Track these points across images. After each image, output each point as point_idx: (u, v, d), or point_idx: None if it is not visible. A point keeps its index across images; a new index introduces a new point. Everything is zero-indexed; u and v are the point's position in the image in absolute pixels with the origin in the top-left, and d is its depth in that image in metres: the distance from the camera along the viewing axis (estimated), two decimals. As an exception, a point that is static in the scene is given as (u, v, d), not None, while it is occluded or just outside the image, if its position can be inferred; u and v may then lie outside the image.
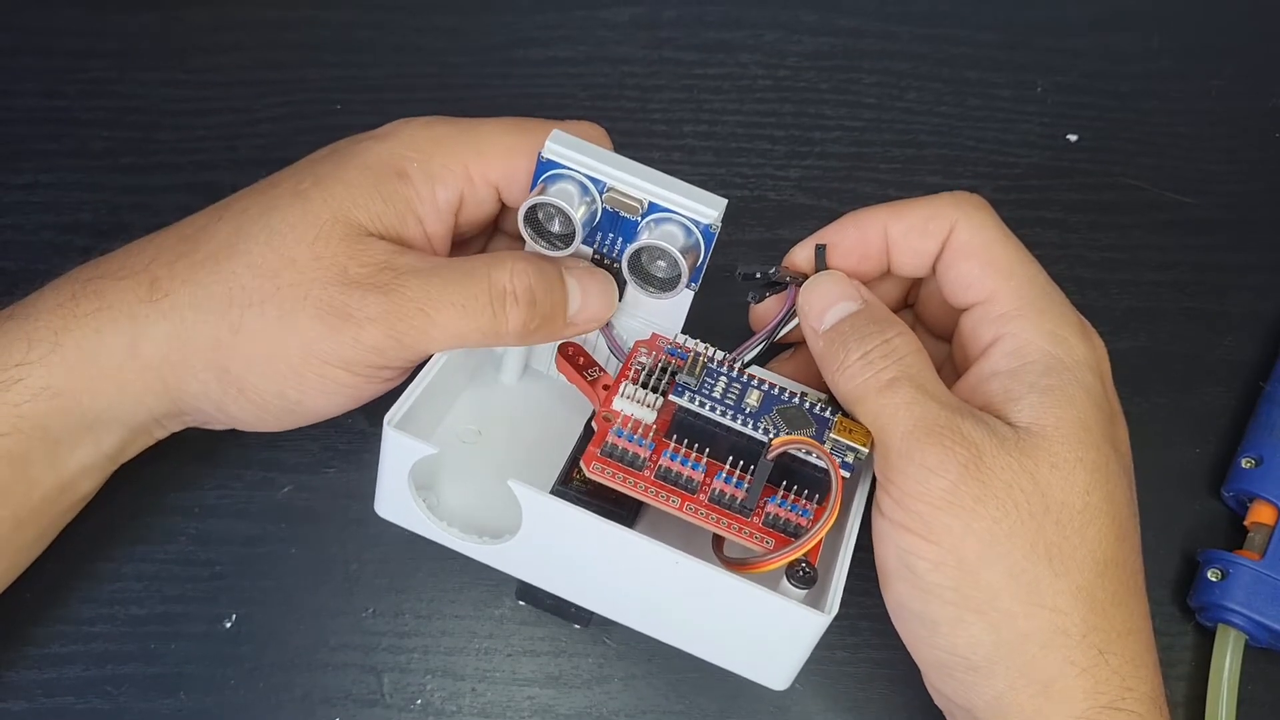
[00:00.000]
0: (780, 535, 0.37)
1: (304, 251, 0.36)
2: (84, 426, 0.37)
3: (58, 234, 0.48)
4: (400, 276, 0.36)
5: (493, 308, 0.37)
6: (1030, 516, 0.34)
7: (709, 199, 0.37)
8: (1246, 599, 0.41)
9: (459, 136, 0.39)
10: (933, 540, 0.34)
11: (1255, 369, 0.47)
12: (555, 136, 0.37)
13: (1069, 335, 0.36)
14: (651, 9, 0.53)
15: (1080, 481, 0.35)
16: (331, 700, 0.41)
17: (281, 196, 0.37)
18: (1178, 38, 0.53)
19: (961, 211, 0.38)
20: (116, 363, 0.36)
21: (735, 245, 0.49)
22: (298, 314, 0.36)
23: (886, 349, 0.36)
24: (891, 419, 0.35)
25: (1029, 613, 0.33)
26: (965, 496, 0.33)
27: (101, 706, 0.41)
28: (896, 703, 0.42)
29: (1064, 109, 0.52)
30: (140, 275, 0.37)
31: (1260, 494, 0.43)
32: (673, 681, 0.42)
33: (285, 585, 0.43)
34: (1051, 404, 0.35)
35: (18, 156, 0.50)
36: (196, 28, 0.52)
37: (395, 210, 0.38)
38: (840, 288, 0.38)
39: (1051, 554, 0.34)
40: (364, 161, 0.38)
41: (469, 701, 0.42)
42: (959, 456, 0.34)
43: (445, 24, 0.53)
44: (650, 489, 0.36)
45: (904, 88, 0.52)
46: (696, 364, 0.38)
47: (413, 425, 0.37)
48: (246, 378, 0.37)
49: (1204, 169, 0.51)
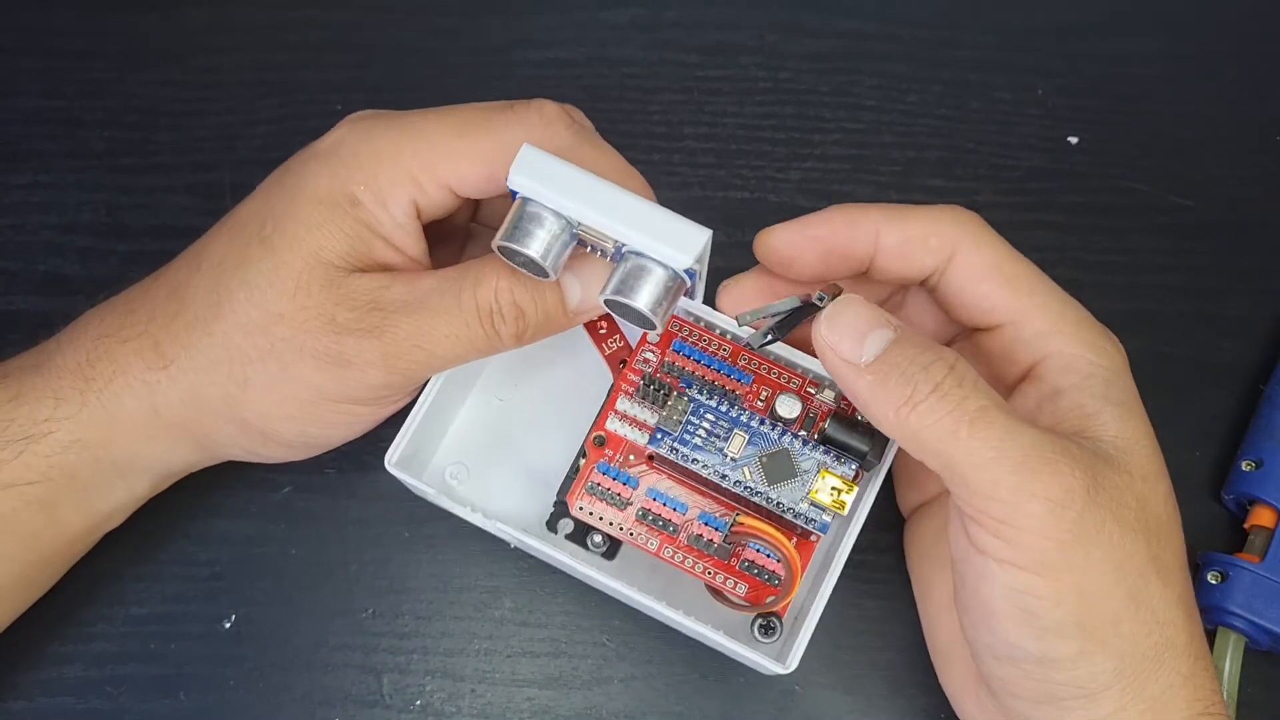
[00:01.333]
0: (755, 580, 0.38)
1: (288, 304, 0.36)
2: (115, 474, 0.38)
3: (57, 234, 0.48)
4: (389, 317, 0.36)
5: (484, 328, 0.37)
6: (1141, 533, 0.33)
7: (687, 235, 0.33)
8: (1246, 602, 0.41)
9: (401, 144, 0.37)
10: (1052, 577, 0.32)
11: (1255, 372, 0.47)
12: (521, 160, 0.34)
13: (1105, 344, 0.37)
14: (652, 10, 0.53)
15: (1164, 490, 0.35)
16: (331, 701, 0.41)
17: (250, 247, 0.37)
18: (1179, 40, 0.53)
19: (965, 230, 0.37)
20: (142, 422, 0.37)
21: (736, 247, 0.49)
22: (298, 365, 0.36)
23: (957, 377, 0.33)
24: (997, 453, 0.32)
25: (1147, 631, 0.33)
26: (1089, 525, 0.32)
27: (101, 707, 0.41)
28: (897, 704, 0.42)
29: (1064, 111, 0.52)
30: (143, 338, 0.37)
31: (1260, 497, 0.43)
32: (672, 683, 0.42)
33: (285, 586, 0.43)
34: (1127, 415, 0.35)
35: (17, 156, 0.50)
36: (196, 28, 0.52)
37: (359, 239, 0.36)
38: (870, 312, 0.34)
39: (1158, 566, 0.33)
40: (314, 195, 0.36)
41: (468, 703, 0.42)
42: (1081, 483, 0.32)
43: (445, 25, 0.53)
44: (631, 530, 0.38)
45: (904, 90, 0.52)
46: (680, 404, 0.37)
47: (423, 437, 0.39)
48: (266, 425, 0.38)
49: (1204, 172, 0.51)
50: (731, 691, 0.42)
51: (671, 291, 0.34)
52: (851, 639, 0.43)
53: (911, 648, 0.42)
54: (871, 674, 0.43)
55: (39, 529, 0.37)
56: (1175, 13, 0.54)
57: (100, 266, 0.48)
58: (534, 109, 0.38)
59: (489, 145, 0.37)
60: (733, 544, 0.38)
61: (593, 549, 0.40)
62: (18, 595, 0.38)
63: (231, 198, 0.49)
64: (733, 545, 0.38)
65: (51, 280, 0.47)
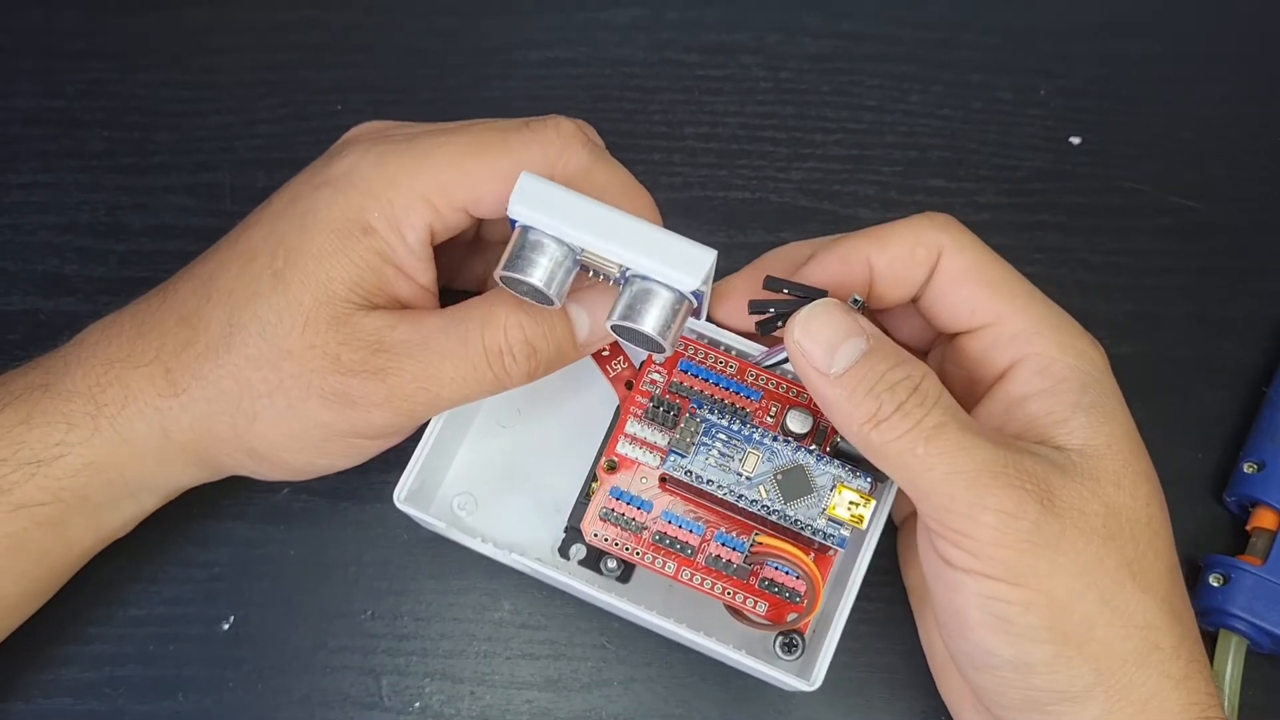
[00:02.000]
0: (775, 598, 0.38)
1: (296, 341, 0.36)
2: (126, 494, 0.38)
3: (57, 234, 0.48)
4: (395, 359, 0.36)
5: (493, 370, 0.36)
6: (1110, 539, 0.33)
7: (692, 257, 0.33)
8: (1248, 604, 0.41)
9: (415, 169, 0.36)
10: (1021, 584, 0.32)
11: (1258, 373, 0.47)
12: (520, 189, 0.33)
13: (1085, 347, 0.36)
14: (653, 10, 0.53)
15: (1142, 494, 0.35)
16: (330, 703, 0.41)
17: (262, 280, 0.36)
18: (1181, 41, 0.53)
19: (947, 235, 0.37)
20: (154, 445, 0.37)
21: (737, 248, 0.49)
22: (306, 403, 0.36)
23: (920, 395, 0.33)
24: (951, 468, 0.33)
25: (1126, 635, 0.33)
26: (1048, 534, 0.32)
27: (99, 708, 0.41)
28: (898, 706, 0.42)
29: (1067, 112, 0.51)
30: (155, 364, 0.37)
31: (1262, 499, 0.43)
32: (672, 685, 0.42)
33: (284, 587, 0.43)
34: (1100, 421, 0.35)
35: (17, 156, 0.50)
36: (196, 28, 0.52)
37: (371, 270, 0.36)
38: (846, 320, 0.34)
39: (1133, 571, 0.33)
40: (327, 224, 0.36)
41: (468, 704, 0.42)
42: (1034, 494, 0.33)
43: (445, 25, 0.52)
44: (648, 554, 0.38)
45: (906, 90, 0.52)
46: (692, 424, 0.37)
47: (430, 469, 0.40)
48: (274, 455, 0.38)
49: (1207, 173, 0.51)
50: (731, 695, 0.42)
51: (679, 314, 0.34)
52: (851, 642, 0.42)
53: (911, 651, 0.42)
54: (871, 677, 0.42)
55: (49, 546, 0.37)
56: (1177, 13, 0.54)
57: (99, 266, 0.48)
58: (550, 127, 0.37)
59: (505, 166, 0.36)
60: (752, 564, 0.38)
61: (607, 573, 0.40)
62: (25, 607, 0.38)
63: (232, 198, 0.49)
64: (752, 565, 0.38)
65: (50, 280, 0.47)
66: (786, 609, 0.38)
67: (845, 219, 0.49)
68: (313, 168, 0.39)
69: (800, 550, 0.37)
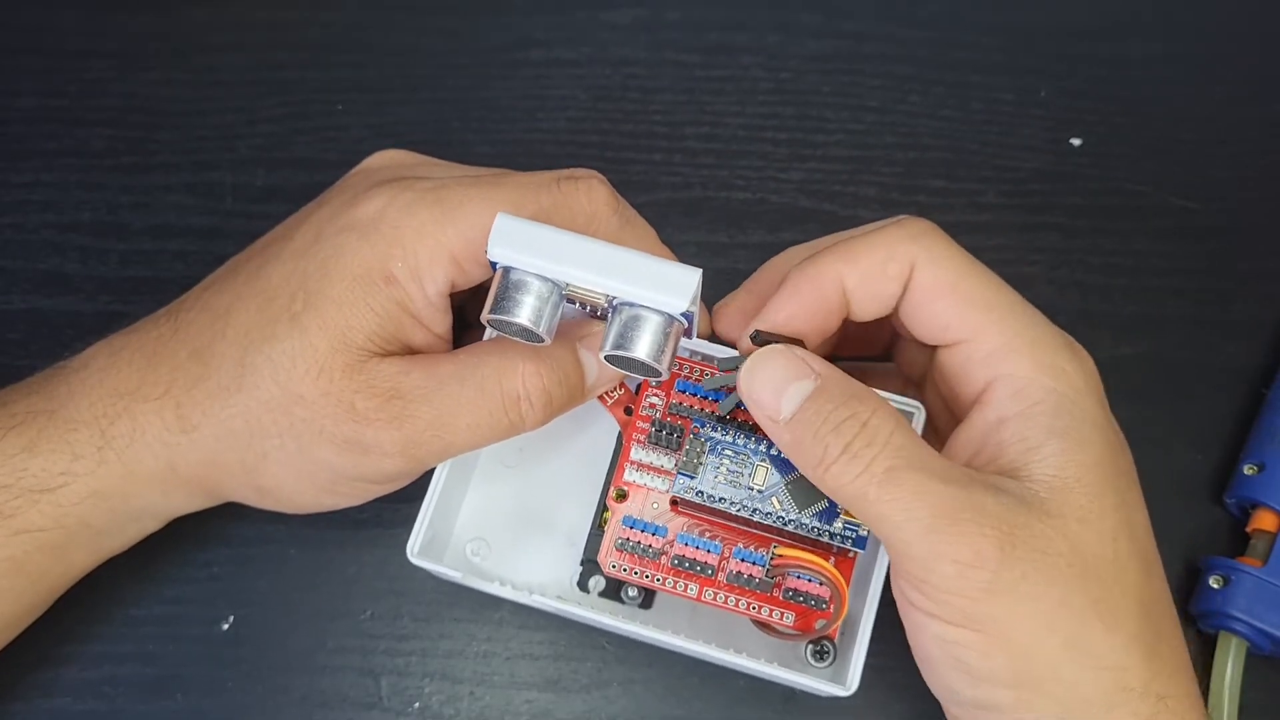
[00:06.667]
0: (801, 607, 0.38)
1: (310, 387, 0.35)
2: (129, 520, 0.38)
3: (58, 233, 0.48)
4: (410, 406, 0.36)
5: (509, 417, 0.36)
6: (1073, 579, 0.32)
7: (677, 279, 0.33)
8: (1248, 606, 0.41)
9: (443, 221, 0.36)
10: (980, 630, 0.32)
11: (1258, 375, 0.47)
12: (498, 230, 0.33)
13: (1064, 364, 0.35)
14: (653, 11, 0.53)
15: (1108, 529, 0.33)
16: (329, 703, 0.41)
17: (279, 324, 0.36)
18: (1182, 42, 0.53)
19: (920, 246, 0.36)
20: (160, 477, 0.37)
21: (737, 248, 0.49)
22: (316, 447, 0.36)
23: (868, 435, 0.32)
24: (905, 516, 0.32)
25: (1093, 678, 0.32)
26: (1007, 580, 0.31)
27: (98, 708, 0.41)
28: (897, 708, 0.42)
29: (1068, 113, 0.51)
30: (165, 399, 0.37)
31: (1262, 500, 0.43)
32: (672, 686, 0.42)
33: (283, 587, 0.43)
34: (1071, 450, 0.34)
35: (18, 156, 0.50)
36: (196, 28, 0.52)
37: (390, 319, 0.36)
38: (787, 365, 0.34)
39: (1100, 611, 0.32)
40: (350, 272, 0.35)
41: (467, 705, 0.42)
42: (993, 541, 0.32)
43: (446, 25, 0.52)
44: (669, 579, 0.38)
45: (907, 91, 0.52)
46: (698, 445, 0.37)
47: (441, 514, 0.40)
48: (280, 493, 0.38)
49: (1208, 175, 0.51)
50: (731, 695, 0.42)
51: (671, 337, 0.34)
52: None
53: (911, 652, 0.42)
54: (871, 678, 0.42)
55: (48, 568, 0.37)
56: (1178, 15, 0.54)
57: (100, 265, 0.48)
58: (583, 192, 0.37)
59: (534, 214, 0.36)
60: (774, 576, 0.37)
61: (628, 601, 0.40)
62: (21, 623, 0.39)
63: (232, 197, 0.49)
64: (774, 577, 0.38)
65: (51, 279, 0.47)
66: (814, 616, 0.38)
67: (845, 219, 0.49)
68: (335, 204, 0.38)
69: (820, 557, 0.37)
